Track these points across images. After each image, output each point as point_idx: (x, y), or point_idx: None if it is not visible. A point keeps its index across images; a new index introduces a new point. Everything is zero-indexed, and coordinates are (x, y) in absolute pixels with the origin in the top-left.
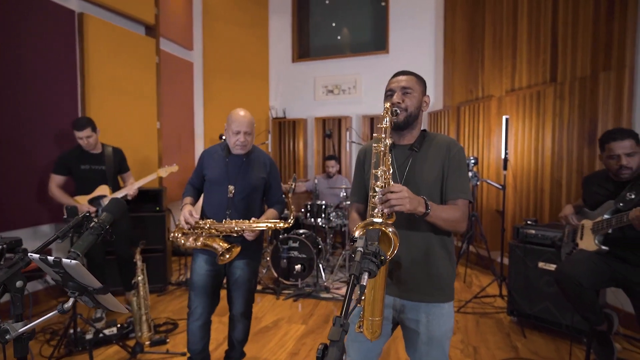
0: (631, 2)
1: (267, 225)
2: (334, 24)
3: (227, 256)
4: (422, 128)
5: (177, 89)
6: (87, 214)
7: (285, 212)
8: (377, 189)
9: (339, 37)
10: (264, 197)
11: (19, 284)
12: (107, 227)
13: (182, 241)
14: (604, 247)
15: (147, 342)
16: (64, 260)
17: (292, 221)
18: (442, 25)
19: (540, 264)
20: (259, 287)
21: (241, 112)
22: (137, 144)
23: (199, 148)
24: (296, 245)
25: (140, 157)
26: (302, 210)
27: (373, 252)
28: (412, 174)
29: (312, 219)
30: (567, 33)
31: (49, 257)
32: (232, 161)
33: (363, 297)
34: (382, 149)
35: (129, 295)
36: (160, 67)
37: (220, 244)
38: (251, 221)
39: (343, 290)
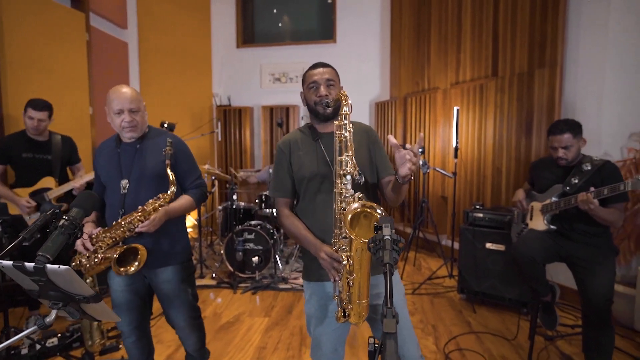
0: (561, 7)
1: (157, 204)
2: (279, 11)
3: (137, 263)
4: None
5: (111, 71)
6: (56, 211)
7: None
8: (348, 175)
9: (280, 25)
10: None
11: None
12: (81, 225)
13: (88, 266)
14: (552, 227)
15: (97, 352)
16: (50, 266)
17: (172, 179)
18: (389, 19)
19: (488, 245)
20: (213, 283)
21: (122, 88)
22: (67, 132)
23: None
24: (251, 237)
25: None
26: (257, 200)
27: (395, 240)
28: None
29: (268, 210)
30: (506, 32)
31: (27, 264)
32: (124, 151)
33: (352, 283)
34: (346, 135)
35: None
36: (91, 46)
37: (117, 250)
38: (139, 209)
39: (301, 280)
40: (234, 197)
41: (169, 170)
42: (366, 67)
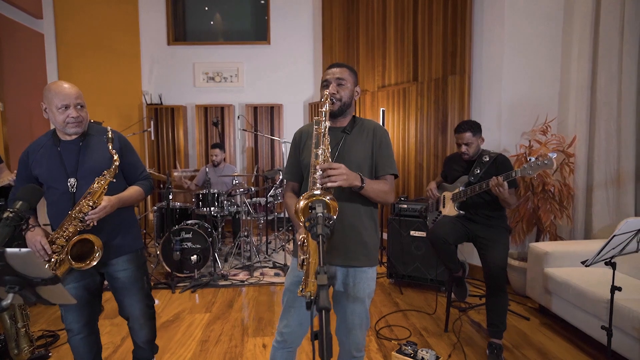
0: (468, 23)
1: (104, 182)
2: (210, 9)
3: (97, 254)
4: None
5: (25, 65)
6: (0, 204)
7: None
8: (317, 166)
9: (211, 23)
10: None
11: None
12: (27, 217)
13: None
14: (461, 212)
15: None
16: (10, 250)
17: (116, 157)
18: (321, 24)
19: (412, 232)
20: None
21: (64, 84)
22: None
23: None
24: (189, 236)
25: None
26: (194, 200)
27: (327, 217)
28: (344, 152)
29: (205, 209)
30: (424, 42)
31: None
32: (66, 149)
33: (306, 263)
34: (322, 130)
35: None
36: None
37: (68, 245)
38: (86, 194)
39: (241, 276)
40: (170, 196)
41: (110, 146)
42: (300, 68)
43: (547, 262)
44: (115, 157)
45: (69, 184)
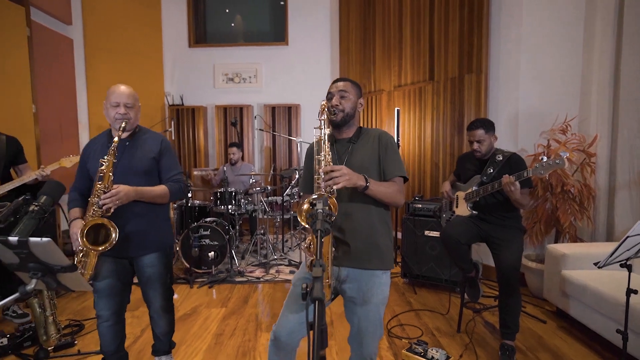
0: (484, 22)
1: (105, 167)
2: (231, 11)
3: (114, 234)
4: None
5: (55, 69)
6: (27, 197)
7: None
8: (320, 171)
9: (232, 25)
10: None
11: None
12: (51, 210)
13: (84, 261)
14: (474, 212)
15: (51, 347)
16: (33, 239)
17: (116, 138)
18: (338, 24)
19: (426, 232)
20: None
21: (121, 86)
22: (8, 130)
23: (84, 136)
24: (207, 233)
25: None
26: (212, 198)
27: (327, 214)
28: (352, 161)
29: (223, 207)
30: (440, 42)
31: (10, 238)
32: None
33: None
34: (323, 137)
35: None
36: (32, 42)
37: (85, 228)
38: (99, 183)
39: (257, 273)
40: (189, 194)
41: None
42: (317, 68)
43: (565, 264)
44: (115, 139)
45: None
